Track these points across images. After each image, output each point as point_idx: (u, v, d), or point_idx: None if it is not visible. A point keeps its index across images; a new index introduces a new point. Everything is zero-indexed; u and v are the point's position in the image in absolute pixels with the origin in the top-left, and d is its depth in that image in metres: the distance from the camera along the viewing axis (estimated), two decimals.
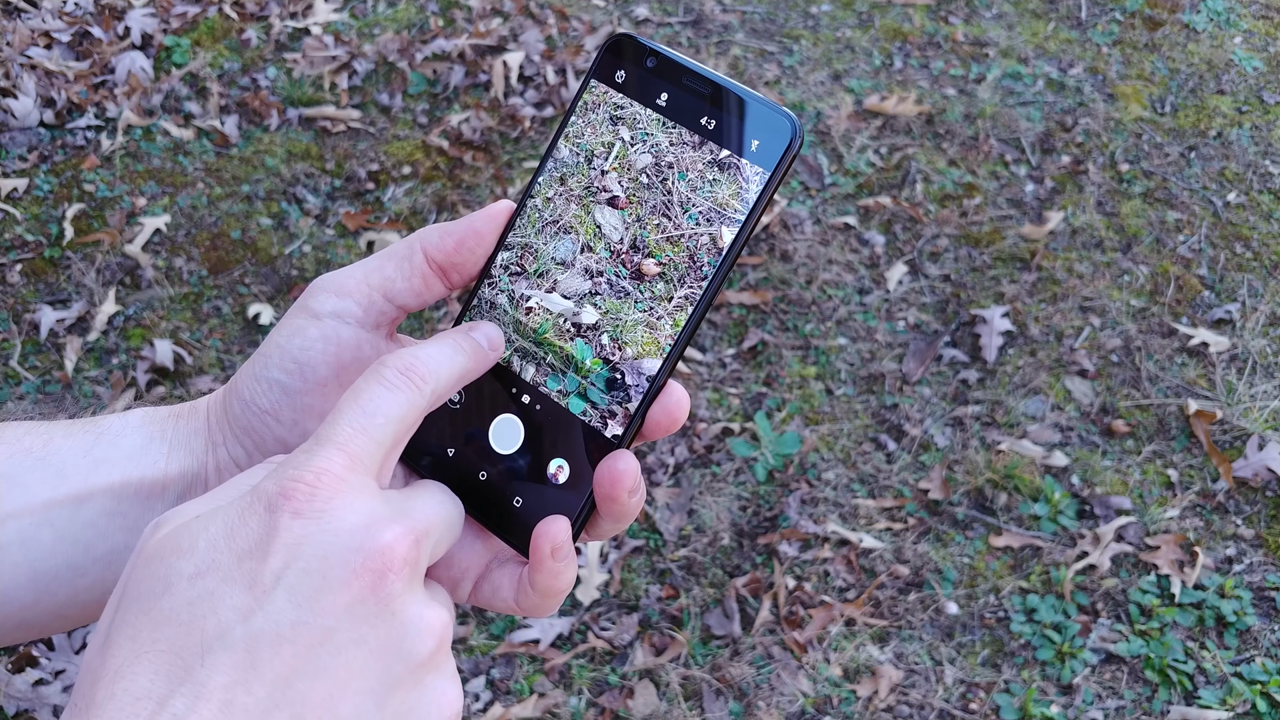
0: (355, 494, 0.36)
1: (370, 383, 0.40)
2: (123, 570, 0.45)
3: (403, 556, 0.36)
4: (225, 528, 0.35)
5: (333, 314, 0.45)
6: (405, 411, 0.40)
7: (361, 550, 0.35)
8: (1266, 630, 1.82)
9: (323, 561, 0.34)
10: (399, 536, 0.36)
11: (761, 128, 0.44)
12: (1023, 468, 1.99)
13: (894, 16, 2.78)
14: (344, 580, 0.34)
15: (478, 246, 0.46)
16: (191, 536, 0.35)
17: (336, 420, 0.38)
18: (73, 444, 0.45)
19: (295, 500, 0.35)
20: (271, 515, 0.35)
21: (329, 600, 0.34)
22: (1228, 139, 2.53)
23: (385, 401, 0.39)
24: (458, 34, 2.70)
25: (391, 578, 0.35)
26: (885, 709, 1.74)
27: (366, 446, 0.38)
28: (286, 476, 0.36)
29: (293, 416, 0.45)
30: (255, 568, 0.34)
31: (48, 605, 0.45)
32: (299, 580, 0.34)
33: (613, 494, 0.43)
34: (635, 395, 0.45)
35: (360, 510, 0.36)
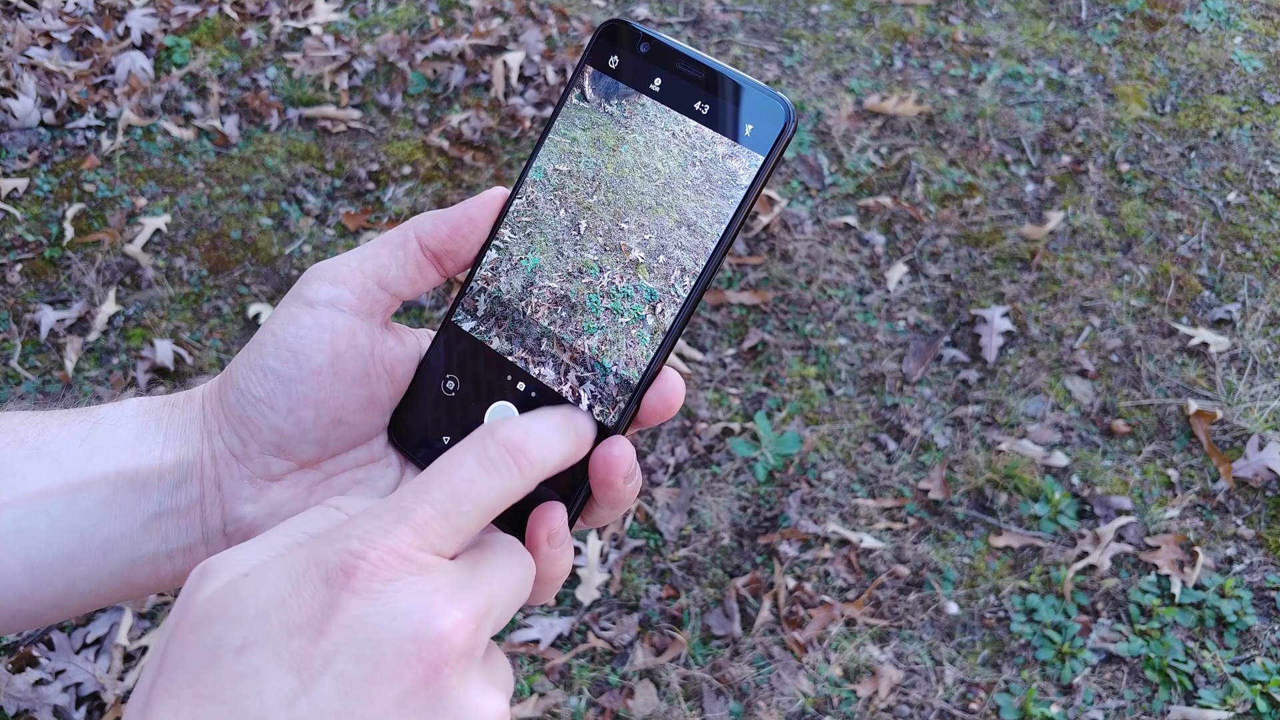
0: (420, 575, 0.34)
1: (468, 457, 0.37)
2: (120, 561, 0.45)
3: (460, 647, 0.34)
4: (277, 596, 0.33)
5: (327, 302, 0.45)
6: (499, 499, 0.37)
7: (417, 639, 0.33)
8: (1267, 630, 1.82)
9: (375, 648, 0.33)
10: (458, 624, 0.34)
11: (755, 112, 0.44)
12: (1023, 468, 1.99)
13: (894, 16, 2.78)
14: (396, 671, 0.33)
15: (472, 234, 0.46)
16: (241, 601, 0.33)
17: (420, 494, 0.36)
18: (68, 433, 0.45)
19: (356, 579, 0.33)
20: (329, 590, 0.33)
21: (379, 692, 0.32)
22: (1228, 139, 2.53)
23: (480, 486, 0.37)
24: (458, 34, 2.71)
25: (446, 671, 0.33)
26: (885, 709, 1.74)
27: (443, 533, 0.36)
28: (350, 550, 0.34)
29: (288, 405, 0.45)
30: (305, 648, 0.32)
31: (44, 595, 0.45)
32: (349, 667, 0.32)
33: (608, 480, 0.43)
34: (630, 382, 0.45)
35: (421, 592, 0.34)
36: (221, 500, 0.46)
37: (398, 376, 0.47)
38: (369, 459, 0.48)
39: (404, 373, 0.48)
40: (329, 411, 0.45)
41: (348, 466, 0.48)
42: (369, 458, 0.48)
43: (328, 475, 0.47)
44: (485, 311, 0.47)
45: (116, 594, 0.46)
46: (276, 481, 0.46)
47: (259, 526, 0.46)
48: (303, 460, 0.46)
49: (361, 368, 0.46)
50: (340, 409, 0.45)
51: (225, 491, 0.46)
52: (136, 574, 0.46)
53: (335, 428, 0.46)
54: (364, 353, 0.46)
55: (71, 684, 1.69)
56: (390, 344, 0.47)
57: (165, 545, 0.46)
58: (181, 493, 0.45)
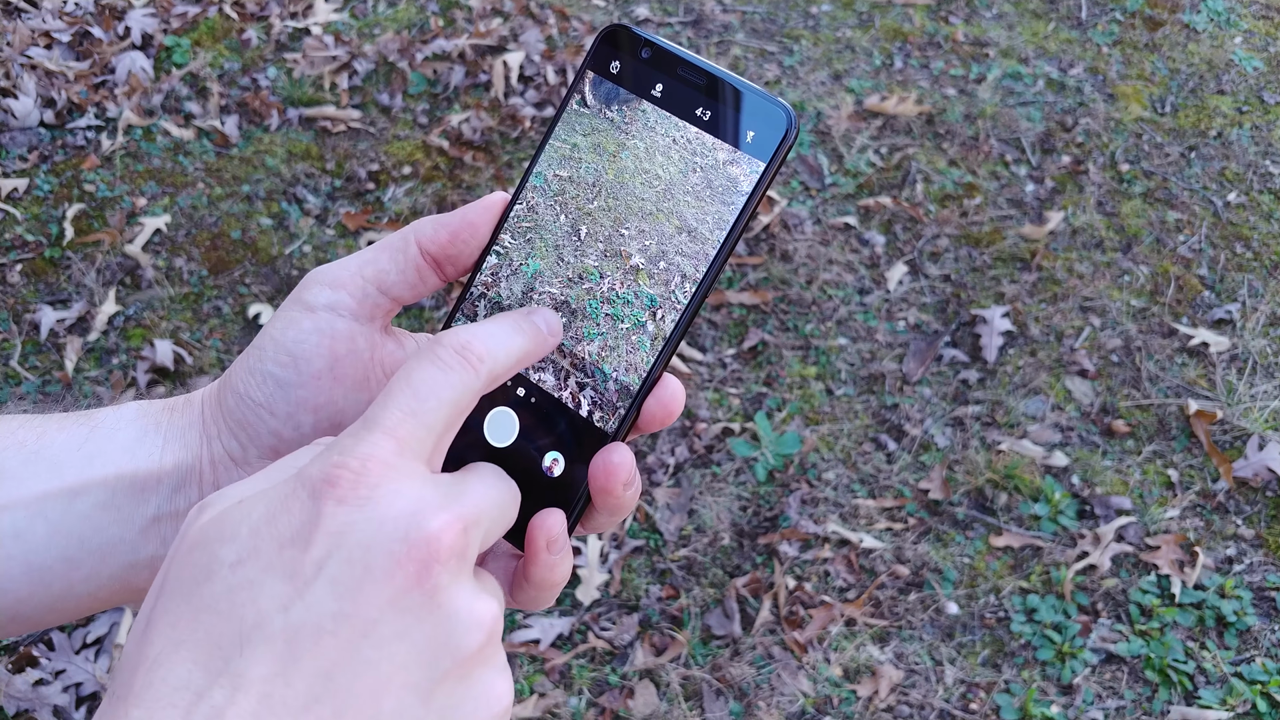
0: (403, 479, 0.35)
1: (423, 362, 0.38)
2: (118, 564, 0.45)
3: (449, 546, 0.35)
4: (267, 513, 0.34)
5: (327, 306, 0.45)
6: (459, 394, 0.38)
7: (406, 539, 0.34)
8: (1267, 630, 1.82)
9: (365, 551, 0.33)
10: (446, 525, 0.35)
11: (757, 119, 0.44)
12: (1023, 468, 1.99)
13: (894, 16, 2.78)
14: (388, 571, 0.33)
15: (472, 238, 0.46)
16: (234, 523, 0.34)
17: (386, 403, 0.37)
18: (67, 437, 0.45)
19: (340, 487, 0.34)
20: (315, 502, 0.34)
21: (372, 591, 0.33)
22: (1228, 139, 2.53)
23: (438, 382, 0.37)
24: (458, 34, 2.71)
25: (437, 568, 0.34)
26: (885, 709, 1.74)
27: (416, 431, 0.36)
28: (331, 462, 0.35)
29: (287, 409, 0.45)
30: (297, 556, 0.33)
31: (42, 598, 0.44)
32: (341, 570, 0.33)
33: (608, 487, 0.43)
34: (630, 388, 0.45)
35: (407, 496, 0.35)
36: None
37: None
38: None
39: None
40: (328, 416, 0.45)
41: None
42: None
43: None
44: (485, 317, 0.47)
45: (115, 597, 0.46)
46: None
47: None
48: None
49: (361, 372, 0.45)
50: (339, 414, 0.45)
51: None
52: (135, 577, 0.45)
53: (335, 432, 0.46)
54: (363, 357, 0.45)
55: (71, 684, 1.70)
56: (390, 348, 0.47)
57: (164, 549, 0.45)
58: (180, 496, 0.45)
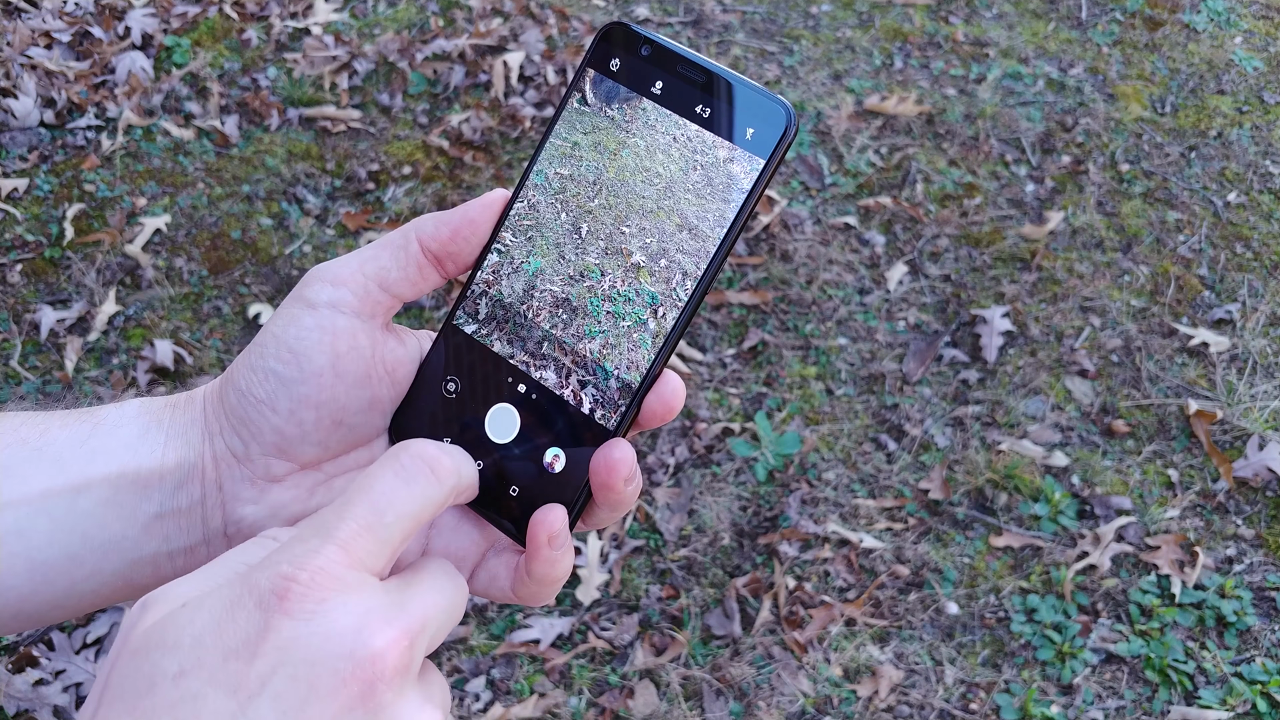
0: (350, 593, 0.34)
1: (385, 472, 0.38)
2: (121, 561, 0.45)
3: (394, 664, 0.34)
4: (213, 622, 0.33)
5: (328, 303, 0.45)
6: (420, 508, 0.38)
7: (351, 657, 0.33)
8: (1267, 630, 1.82)
9: (310, 668, 0.33)
10: (393, 641, 0.34)
11: (756, 116, 0.44)
12: (1023, 468, 1.99)
13: (894, 16, 2.78)
14: (332, 689, 0.33)
15: (473, 236, 0.46)
16: (178, 629, 0.34)
17: (343, 513, 0.36)
18: (69, 434, 0.45)
19: (288, 600, 0.33)
20: (262, 613, 0.33)
21: (315, 710, 0.33)
22: (1228, 139, 2.53)
23: (399, 496, 0.37)
24: (458, 34, 2.71)
25: (381, 687, 0.34)
26: (885, 709, 1.74)
27: (371, 547, 0.36)
28: (280, 573, 0.34)
29: (289, 406, 0.45)
30: (241, 669, 0.32)
31: (45, 595, 0.45)
32: (285, 687, 0.32)
33: (609, 483, 0.43)
34: (631, 385, 0.45)
35: (354, 612, 0.34)
36: (223, 501, 0.46)
37: (399, 378, 0.47)
38: (370, 460, 0.48)
39: (405, 374, 0.47)
40: (330, 413, 0.45)
41: (349, 468, 0.48)
42: (370, 459, 0.48)
43: (329, 477, 0.47)
44: (486, 314, 0.47)
45: (118, 594, 0.46)
46: (278, 483, 0.46)
47: (260, 528, 0.46)
48: (304, 462, 0.46)
49: (363, 369, 0.46)
50: (341, 410, 0.45)
51: (226, 493, 0.46)
52: (138, 574, 0.46)
53: (336, 429, 0.46)
54: (365, 354, 0.45)
55: (72, 684, 1.69)
56: (391, 345, 0.47)
57: (166, 546, 0.46)
58: (183, 494, 0.46)
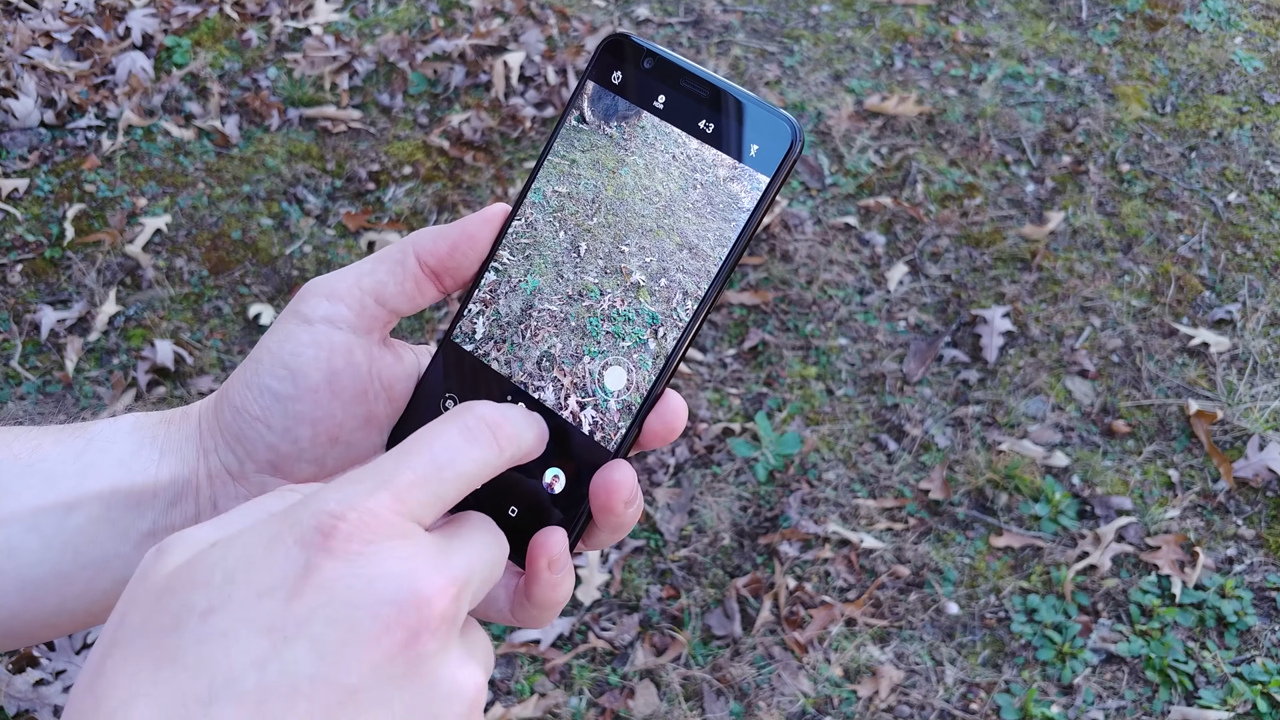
0: (398, 538, 0.33)
1: (450, 428, 0.37)
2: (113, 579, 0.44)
3: (440, 612, 0.33)
4: (246, 559, 0.32)
5: (324, 319, 0.44)
6: (479, 470, 0.37)
7: (396, 603, 0.32)
8: (1267, 630, 1.82)
9: (353, 610, 0.31)
10: (440, 590, 0.33)
11: (761, 132, 0.43)
12: (1023, 468, 1.99)
13: (895, 17, 2.78)
14: (374, 635, 0.31)
15: (471, 251, 0.45)
16: (208, 566, 0.32)
17: (404, 460, 0.35)
18: (62, 450, 0.44)
19: (334, 539, 0.32)
20: (304, 551, 0.32)
21: (355, 655, 0.31)
22: (1228, 139, 2.53)
23: (462, 455, 0.36)
24: (458, 34, 2.70)
25: (426, 636, 0.32)
26: (886, 709, 1.74)
27: (425, 499, 0.35)
28: (327, 510, 0.32)
29: (284, 423, 0.44)
30: (278, 610, 0.31)
31: (36, 613, 0.44)
32: (324, 630, 0.31)
33: (609, 505, 0.42)
34: (632, 406, 0.44)
35: (401, 556, 0.33)
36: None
37: (396, 394, 0.46)
38: None
39: (402, 390, 0.47)
40: (326, 430, 0.44)
41: None
42: None
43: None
44: (484, 333, 0.46)
45: (109, 613, 0.45)
46: None
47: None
48: (299, 479, 0.45)
49: (359, 385, 0.45)
50: (338, 427, 0.45)
51: (221, 510, 0.45)
52: None
53: (333, 446, 0.45)
54: (361, 370, 0.45)
55: (72, 684, 1.70)
56: (388, 361, 0.46)
57: None
58: (176, 511, 0.45)
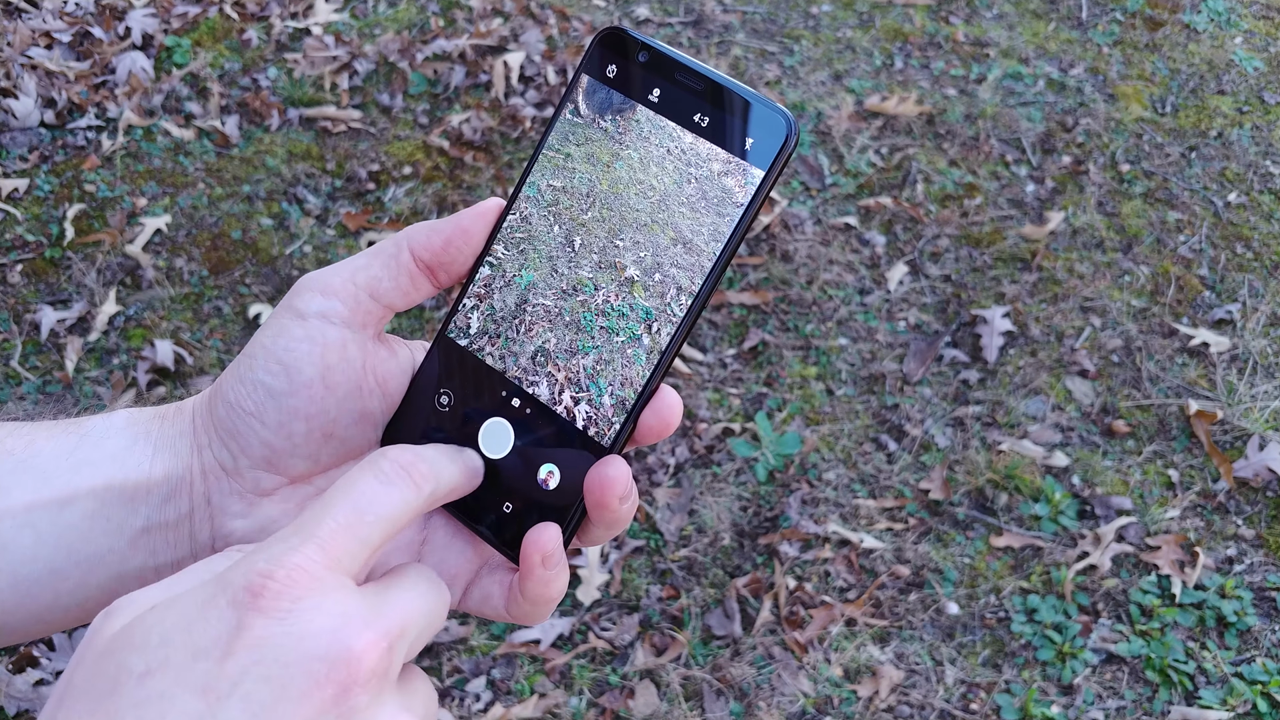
0: (327, 593, 0.33)
1: (365, 475, 0.37)
2: (107, 576, 0.44)
3: (371, 667, 0.33)
4: (182, 621, 0.32)
5: (318, 314, 0.44)
6: (399, 511, 0.37)
7: (326, 659, 0.32)
8: (1267, 630, 1.82)
9: (284, 669, 0.32)
10: (370, 644, 0.33)
11: (756, 126, 0.43)
12: (1023, 468, 1.99)
13: (895, 17, 2.78)
14: (305, 691, 0.32)
15: (466, 245, 0.45)
16: (145, 630, 0.33)
17: (323, 513, 0.36)
18: (55, 446, 0.44)
19: (263, 597, 0.32)
20: (235, 611, 0.32)
21: (288, 712, 0.31)
22: (1228, 139, 2.53)
23: (378, 498, 0.37)
24: (458, 34, 2.70)
25: (357, 691, 0.33)
26: (886, 709, 1.74)
27: (350, 547, 0.35)
28: (256, 570, 0.33)
29: (278, 419, 0.44)
30: (211, 670, 0.31)
31: (29, 610, 0.44)
32: (257, 688, 0.31)
33: (603, 501, 0.42)
34: (626, 402, 0.44)
35: (330, 612, 0.33)
36: (211, 515, 0.45)
37: (390, 390, 0.46)
38: None
39: (397, 386, 0.46)
40: (320, 425, 0.44)
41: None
42: None
43: (319, 490, 0.46)
44: (479, 328, 0.46)
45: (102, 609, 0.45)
46: (267, 497, 0.45)
47: (248, 542, 0.44)
48: (294, 475, 0.45)
49: (353, 381, 0.45)
50: (332, 423, 0.44)
51: (215, 506, 0.45)
52: (124, 589, 0.44)
53: (327, 442, 0.45)
54: (356, 365, 0.45)
55: None
56: (383, 356, 0.46)
57: (153, 560, 0.45)
58: (170, 507, 0.45)
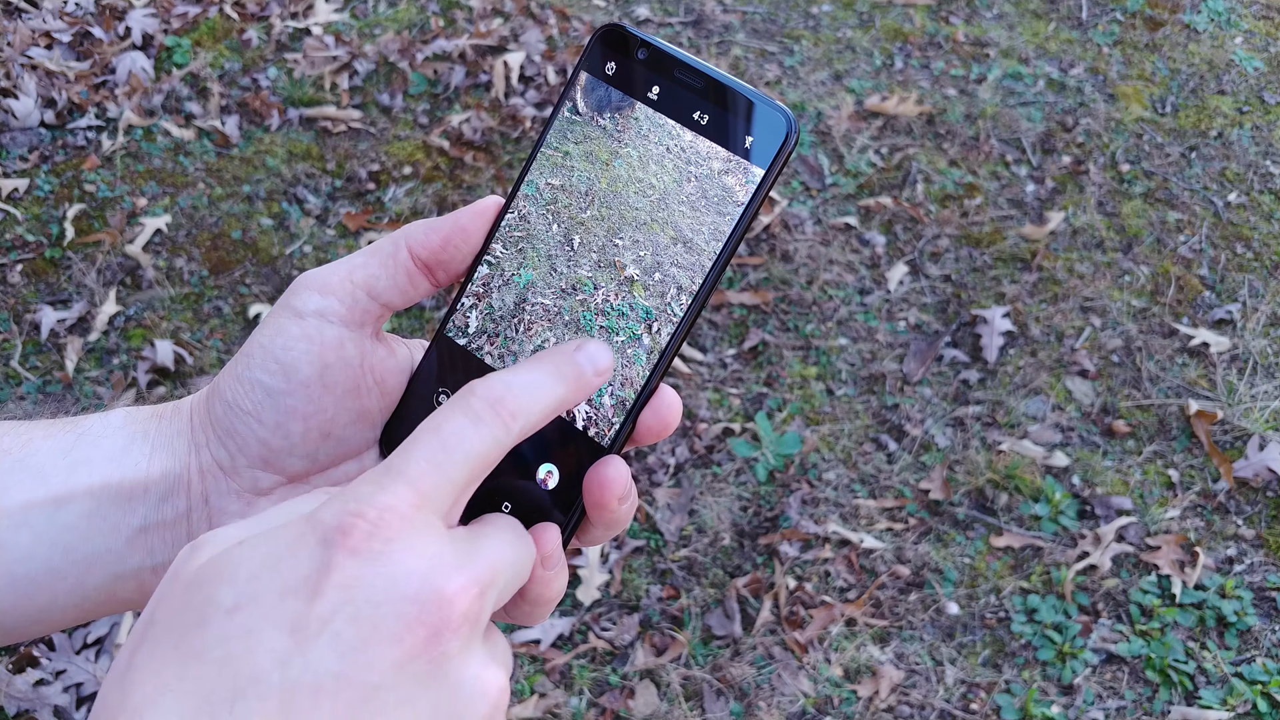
0: (419, 535, 0.33)
1: (454, 412, 0.37)
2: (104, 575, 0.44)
3: (463, 611, 0.33)
4: (271, 558, 0.32)
5: (316, 312, 0.43)
6: (488, 449, 0.36)
7: (418, 600, 0.32)
8: (1267, 630, 1.82)
9: (375, 609, 0.31)
10: (462, 588, 0.33)
11: (756, 124, 0.43)
12: (1023, 468, 1.99)
13: (895, 17, 2.78)
14: (396, 633, 0.32)
15: (464, 244, 0.45)
16: (233, 564, 0.32)
17: (411, 451, 0.35)
18: (52, 445, 0.44)
19: (353, 537, 0.32)
20: (325, 550, 0.32)
21: (377, 654, 0.31)
22: (1228, 139, 2.52)
23: (468, 437, 0.36)
24: (458, 34, 2.70)
25: (448, 635, 0.32)
26: (886, 709, 1.74)
27: (440, 484, 0.35)
28: (347, 509, 0.33)
29: (275, 418, 0.43)
30: (300, 608, 0.31)
31: (25, 610, 0.43)
32: (346, 628, 0.31)
33: (602, 501, 0.42)
34: (626, 401, 0.44)
35: (423, 554, 0.33)
36: (208, 514, 0.45)
37: (389, 389, 0.46)
38: (360, 473, 0.46)
39: (395, 385, 0.46)
40: (318, 425, 0.44)
41: (337, 481, 0.46)
42: (360, 472, 0.46)
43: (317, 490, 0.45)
44: (477, 327, 0.46)
45: (100, 609, 0.45)
46: (265, 495, 0.45)
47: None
48: (291, 474, 0.45)
49: (351, 380, 0.44)
50: (329, 422, 0.44)
51: (212, 505, 0.45)
52: (121, 589, 0.44)
53: (324, 441, 0.45)
54: (353, 364, 0.44)
55: (72, 684, 1.70)
56: (381, 355, 0.46)
57: (150, 560, 0.44)
58: (168, 506, 0.44)
